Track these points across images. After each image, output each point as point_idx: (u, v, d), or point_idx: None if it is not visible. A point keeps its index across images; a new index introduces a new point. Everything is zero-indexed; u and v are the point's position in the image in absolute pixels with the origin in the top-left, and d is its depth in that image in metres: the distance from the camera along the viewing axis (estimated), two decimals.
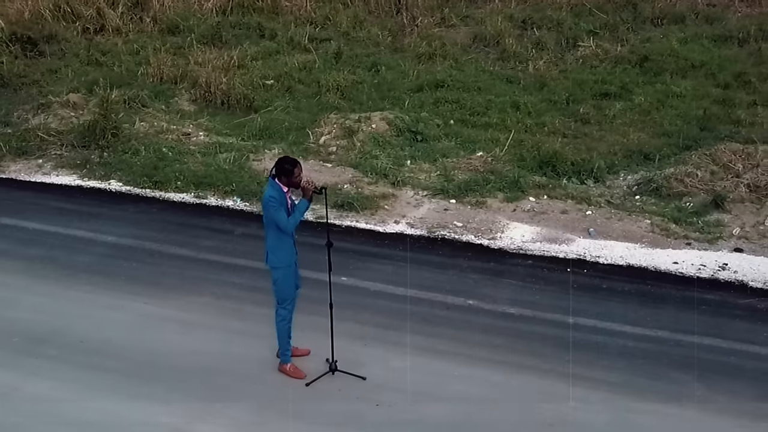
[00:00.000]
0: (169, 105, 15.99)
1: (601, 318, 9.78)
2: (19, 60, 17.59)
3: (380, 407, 8.40)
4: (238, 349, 9.10)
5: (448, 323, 9.69)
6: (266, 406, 8.42)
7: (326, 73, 16.88)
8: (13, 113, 15.30)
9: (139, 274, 10.58)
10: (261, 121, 14.99)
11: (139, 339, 9.36)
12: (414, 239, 11.54)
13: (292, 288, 8.71)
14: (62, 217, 11.87)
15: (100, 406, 8.42)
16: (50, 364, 8.99)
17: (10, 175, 13.41)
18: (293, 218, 8.46)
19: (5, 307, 9.86)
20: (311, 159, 13.75)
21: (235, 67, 17.35)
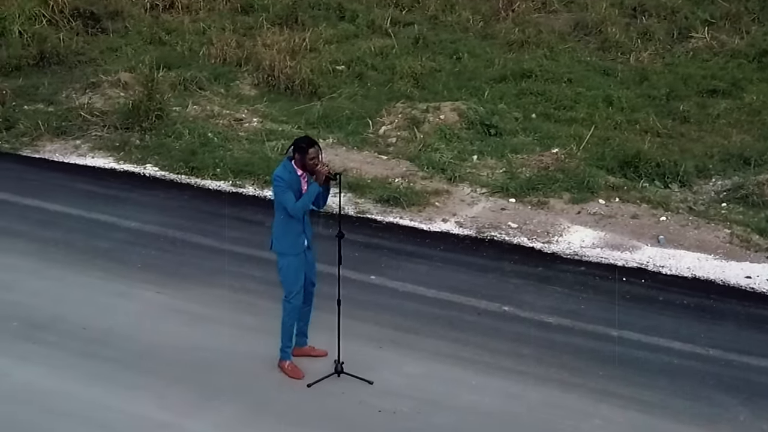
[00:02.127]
0: (228, 89, 16.61)
1: (648, 332, 9.84)
2: (80, 37, 18.56)
3: (382, 414, 8.68)
4: (244, 346, 9.51)
5: (475, 329, 9.91)
6: (261, 405, 8.78)
7: (402, 59, 17.23)
8: (61, 92, 16.17)
9: (157, 262, 11.12)
10: (321, 109, 15.35)
11: (143, 329, 9.86)
12: (459, 239, 11.79)
13: (298, 279, 9.04)
14: (88, 200, 12.53)
15: (90, 396, 8.90)
16: (46, 350, 9.53)
17: (44, 155, 14.18)
18: (301, 202, 8.77)
19: (10, 290, 10.51)
20: (366, 150, 14.15)
21: (305, 51, 17.80)
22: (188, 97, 16.14)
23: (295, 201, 8.78)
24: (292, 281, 9.02)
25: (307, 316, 9.43)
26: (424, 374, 9.23)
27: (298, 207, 8.76)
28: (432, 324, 10.00)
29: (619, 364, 9.38)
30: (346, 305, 9.51)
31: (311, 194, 8.79)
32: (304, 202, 8.79)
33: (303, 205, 8.78)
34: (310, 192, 8.79)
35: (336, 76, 17.08)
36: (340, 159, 13.88)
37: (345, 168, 13.55)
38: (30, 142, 14.58)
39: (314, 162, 8.77)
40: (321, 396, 8.90)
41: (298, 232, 8.96)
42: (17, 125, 14.85)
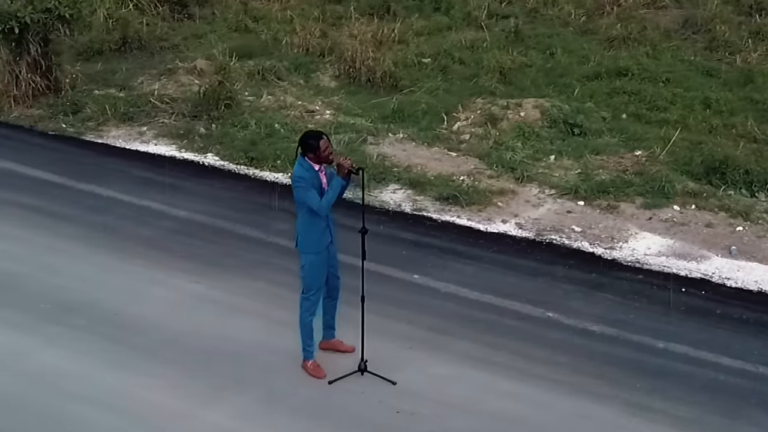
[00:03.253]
0: (308, 79, 17.05)
1: (697, 346, 9.85)
2: (165, 22, 19.18)
3: (400, 415, 8.90)
4: (272, 339, 9.83)
5: (513, 334, 10.05)
6: (278, 399, 9.08)
7: (490, 53, 17.37)
8: (136, 78, 16.83)
9: (199, 252, 11.55)
10: (396, 103, 15.62)
11: (173, 318, 10.29)
12: (515, 241, 11.92)
13: (320, 276, 9.32)
14: (141, 187, 13.07)
15: (110, 382, 9.34)
16: (73, 333, 10.04)
17: (108, 140, 14.82)
18: (326, 199, 9.01)
19: (53, 273, 11.07)
20: (436, 146, 14.37)
21: (392, 42, 18.10)
22: (264, 87, 16.57)
23: (319, 199, 8.99)
24: (315, 279, 9.32)
25: (333, 310, 9.70)
26: (450, 377, 9.40)
27: (324, 205, 9.01)
28: (468, 327, 10.15)
29: (659, 378, 9.40)
30: (383, 304, 10.00)
31: (335, 189, 9.01)
32: (328, 198, 9.02)
33: (328, 202, 9.03)
34: (333, 187, 9.01)
35: (420, 70, 17.31)
36: (406, 154, 14.12)
37: (410, 164, 13.77)
38: (95, 126, 15.19)
39: (328, 152, 8.98)
40: (340, 393, 9.16)
41: (323, 229, 9.23)
42: (84, 110, 15.43)
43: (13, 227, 12.09)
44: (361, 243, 9.14)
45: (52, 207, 12.66)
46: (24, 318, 10.30)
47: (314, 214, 9.09)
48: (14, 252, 11.52)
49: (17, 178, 13.56)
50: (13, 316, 10.31)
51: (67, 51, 17.84)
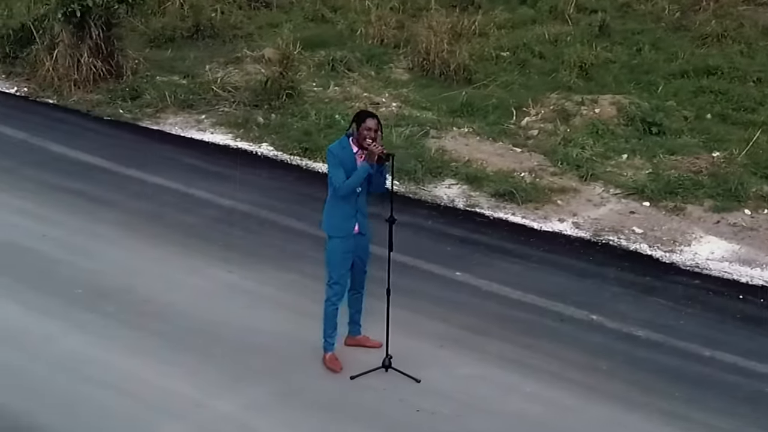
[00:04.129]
0: (380, 71, 17.21)
1: (747, 355, 9.69)
2: (241, 11, 19.48)
3: (419, 414, 8.93)
4: (298, 332, 9.92)
5: (551, 336, 10.00)
6: (294, 393, 9.17)
7: (573, 48, 17.27)
8: (204, 65, 17.12)
9: (239, 242, 11.74)
10: (466, 96, 15.67)
11: (202, 307, 10.46)
12: (569, 241, 11.87)
13: (344, 264, 9.37)
14: (189, 175, 13.33)
15: (129, 368, 9.54)
16: (102, 320, 10.27)
17: (164, 127, 15.15)
18: (349, 181, 9.09)
19: (86, 257, 11.35)
20: (501, 141, 14.40)
21: (471, 35, 18.14)
22: (333, 78, 16.78)
23: (344, 179, 9.04)
24: (337, 266, 9.36)
25: (358, 303, 9.75)
26: (477, 377, 9.40)
27: (345, 186, 9.07)
28: (506, 327, 10.14)
29: (701, 387, 9.29)
30: (419, 300, 10.30)
31: (360, 174, 9.08)
32: (351, 181, 9.09)
33: (349, 184, 9.08)
34: (358, 172, 9.07)
35: (498, 63, 17.30)
36: (468, 149, 14.16)
37: (470, 159, 13.82)
38: (153, 113, 15.53)
39: (368, 134, 9.02)
40: (360, 389, 9.22)
41: (349, 215, 9.28)
42: (144, 96, 15.78)
43: (55, 211, 12.43)
44: (389, 233, 9.13)
45: (97, 192, 12.96)
46: (55, 302, 10.56)
47: (342, 197, 9.15)
48: (53, 236, 11.85)
49: (67, 163, 13.95)
50: (45, 301, 10.57)
51: (138, 37, 18.26)
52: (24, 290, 10.70)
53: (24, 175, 13.52)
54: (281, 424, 8.83)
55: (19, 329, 10.04)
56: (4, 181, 13.38)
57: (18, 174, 13.58)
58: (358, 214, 9.30)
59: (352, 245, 9.33)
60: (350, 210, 9.24)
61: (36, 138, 14.79)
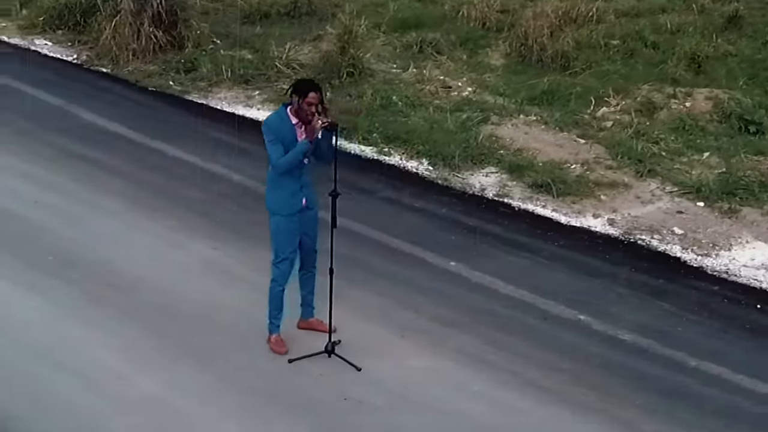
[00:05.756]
0: (473, 55, 17.28)
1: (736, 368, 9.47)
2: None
3: (345, 402, 9.02)
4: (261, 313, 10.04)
5: (525, 334, 9.95)
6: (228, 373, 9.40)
7: (688, 39, 16.99)
8: (285, 42, 17.53)
9: (235, 218, 12.05)
10: (547, 84, 15.64)
11: (175, 283, 10.78)
12: (592, 237, 11.78)
13: (290, 243, 9.49)
14: (211, 150, 13.75)
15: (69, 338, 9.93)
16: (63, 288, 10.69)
17: (209, 101, 15.68)
18: (285, 159, 9.17)
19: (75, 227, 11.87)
20: (566, 131, 14.33)
21: (587, 21, 18.05)
22: (417, 60, 16.89)
23: (281, 155, 9.16)
24: (282, 244, 9.48)
25: (310, 284, 9.89)
26: (426, 370, 9.42)
27: (283, 162, 9.16)
28: (479, 321, 10.13)
29: (670, 397, 9.12)
30: (398, 287, 10.57)
31: (299, 150, 9.14)
32: (289, 157, 9.16)
33: (288, 160, 9.17)
34: (297, 148, 9.13)
35: (603, 51, 17.14)
36: (526, 138, 14.22)
37: (523, 147, 13.87)
38: (205, 87, 16.07)
39: (311, 110, 9.08)
40: (294, 373, 9.39)
41: (293, 191, 9.38)
42: (200, 69, 16.26)
43: (61, 178, 13.02)
44: (332, 207, 9.24)
45: (112, 161, 13.51)
46: (23, 269, 11.07)
47: (284, 173, 9.24)
48: (48, 203, 12.42)
49: (92, 131, 14.62)
50: (13, 266, 11.08)
51: (233, 12, 18.74)
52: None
53: (42, 140, 14.17)
54: (198, 403, 9.06)
55: None
56: (19, 144, 14.09)
57: (36, 138, 14.26)
58: (303, 189, 9.38)
59: (298, 221, 9.42)
60: (295, 185, 9.35)
61: (71, 105, 15.46)
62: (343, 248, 10.57)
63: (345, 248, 10.73)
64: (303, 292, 9.89)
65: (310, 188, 9.41)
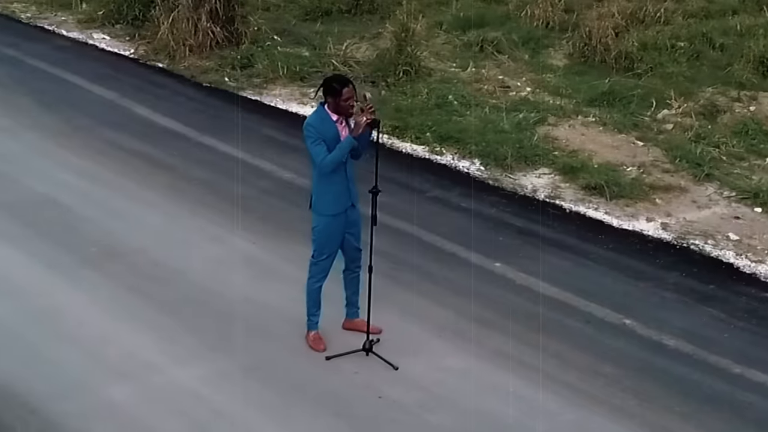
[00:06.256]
0: (536, 55, 17.32)
1: None
2: None
3: (379, 401, 9.09)
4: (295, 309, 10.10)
5: (566, 337, 9.96)
6: (262, 368, 9.47)
7: (759, 42, 16.90)
8: (344, 40, 17.68)
9: (277, 214, 12.19)
10: (608, 85, 15.65)
11: (208, 275, 10.96)
12: (643, 241, 11.76)
13: (333, 242, 9.56)
14: (261, 146, 13.91)
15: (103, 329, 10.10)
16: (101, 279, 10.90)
17: (263, 98, 15.90)
18: (331, 157, 9.20)
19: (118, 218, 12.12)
20: (625, 133, 14.33)
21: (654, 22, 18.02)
22: (476, 59, 16.97)
23: (326, 154, 9.20)
24: (325, 244, 9.56)
25: (354, 285, 9.94)
26: (461, 371, 9.47)
27: (327, 163, 9.20)
28: (521, 323, 10.15)
29: (709, 404, 9.09)
30: (440, 287, 10.67)
31: (343, 148, 9.17)
32: (334, 156, 9.19)
33: (332, 160, 9.20)
34: (342, 146, 9.17)
35: (668, 53, 17.11)
36: (582, 139, 14.26)
37: (578, 149, 13.90)
38: (260, 83, 16.25)
39: (349, 104, 9.18)
40: (329, 370, 9.49)
41: (341, 190, 9.43)
42: (256, 65, 16.45)
43: (109, 172, 13.28)
44: (372, 204, 9.32)
45: (160, 156, 13.77)
46: (65, 259, 11.29)
47: (332, 173, 9.31)
48: (95, 196, 12.68)
49: (143, 125, 14.90)
50: (55, 257, 11.33)
51: (294, 9, 18.95)
52: (40, 244, 11.52)
53: (95, 134, 14.45)
54: (230, 397, 9.15)
55: (16, 280, 10.86)
56: (74, 137, 14.41)
57: (89, 132, 14.54)
58: (349, 185, 9.45)
59: (344, 221, 9.50)
60: (342, 184, 9.41)
61: (124, 99, 15.72)
62: (387, 247, 10.88)
63: (389, 247, 10.97)
64: (347, 292, 9.98)
65: (354, 185, 9.46)
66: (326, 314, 9.83)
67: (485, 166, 13.40)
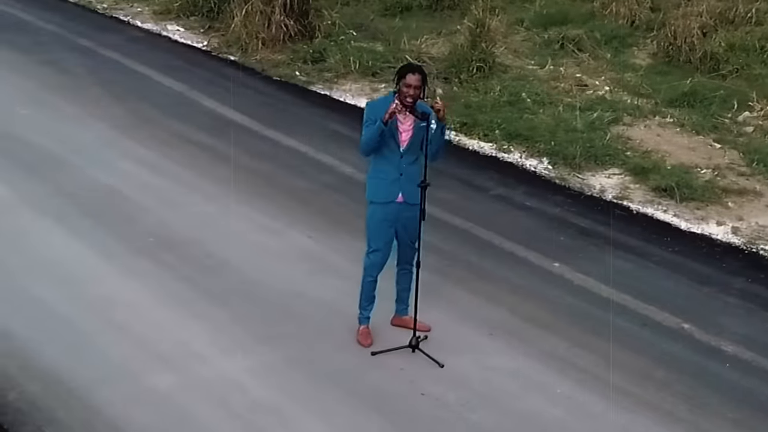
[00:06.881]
0: (618, 53, 17.30)
1: None
2: None
3: (422, 398, 9.17)
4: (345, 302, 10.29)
5: (621, 339, 9.94)
6: (308, 362, 9.61)
7: None
8: (421, 35, 17.80)
9: (337, 209, 12.32)
10: (689, 85, 15.60)
11: (262, 268, 11.12)
12: (711, 245, 11.72)
13: (382, 233, 9.65)
14: (326, 141, 14.08)
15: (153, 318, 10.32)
16: (155, 268, 11.14)
17: (333, 93, 16.08)
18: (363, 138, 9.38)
19: (176, 209, 12.37)
20: (703, 135, 14.30)
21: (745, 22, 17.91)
22: (556, 57, 17.00)
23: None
24: (375, 234, 9.67)
25: (406, 281, 10.01)
26: (509, 370, 9.53)
27: (361, 140, 9.37)
28: (574, 324, 10.17)
29: (766, 411, 9.05)
30: (495, 286, 10.76)
31: (372, 130, 9.28)
32: (364, 136, 9.33)
33: (363, 139, 9.35)
34: (371, 128, 9.28)
35: (758, 54, 16.98)
36: (657, 140, 14.23)
37: (652, 149, 13.90)
38: (331, 78, 16.43)
39: (408, 92, 9.21)
40: (374, 366, 9.59)
41: (391, 179, 9.51)
42: (328, 60, 16.62)
43: (172, 163, 13.57)
44: (421, 198, 9.39)
45: (225, 148, 13.97)
46: (120, 248, 11.54)
47: (383, 160, 9.46)
48: (158, 186, 12.93)
49: (210, 118, 15.17)
50: (111, 245, 11.58)
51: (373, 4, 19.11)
52: (97, 233, 11.78)
53: (162, 126, 14.73)
54: (274, 389, 9.30)
55: (71, 268, 11.11)
56: (141, 129, 14.69)
57: (157, 124, 14.83)
58: (402, 179, 9.48)
59: (394, 214, 9.57)
60: (393, 173, 9.48)
61: (193, 92, 16.00)
62: (442, 243, 11.04)
63: (445, 243, 11.08)
64: (398, 287, 10.07)
65: (412, 182, 9.47)
66: (377, 309, 9.95)
67: (553, 165, 13.42)
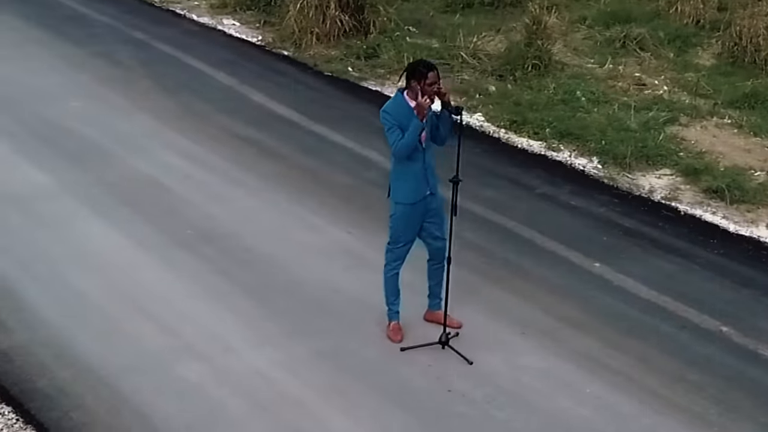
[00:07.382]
0: (681, 54, 17.29)
1: None
2: None
3: (448, 394, 9.28)
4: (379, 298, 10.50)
5: (656, 341, 9.99)
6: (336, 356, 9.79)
7: None
8: (479, 33, 17.87)
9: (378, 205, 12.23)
10: (751, 87, 15.57)
11: (299, 262, 11.27)
12: (760, 248, 11.71)
13: (410, 230, 9.78)
14: (373, 137, 13.96)
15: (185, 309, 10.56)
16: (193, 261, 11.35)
17: (385, 89, 16.07)
18: (403, 140, 9.44)
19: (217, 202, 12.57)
20: (760, 136, 14.33)
21: None
22: (617, 56, 17.00)
23: (399, 139, 9.45)
24: (401, 232, 9.80)
25: (438, 276, 10.10)
26: (539, 369, 9.59)
27: (399, 147, 9.44)
28: (609, 325, 10.22)
29: None
30: (532, 285, 10.86)
31: (412, 133, 9.38)
32: (404, 143, 9.42)
33: (403, 146, 9.44)
34: (411, 130, 9.37)
35: None
36: (713, 141, 14.25)
37: (707, 150, 13.91)
38: (384, 74, 16.51)
39: (434, 88, 9.33)
40: (403, 361, 9.73)
41: (418, 178, 9.64)
42: (381, 56, 16.76)
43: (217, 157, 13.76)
44: (453, 193, 9.50)
45: (270, 143, 14.17)
46: (158, 239, 11.78)
47: (407, 161, 9.57)
48: (201, 179, 13.13)
49: (259, 112, 15.34)
50: (149, 236, 11.82)
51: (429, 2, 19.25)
52: (135, 223, 12.05)
53: (209, 120, 14.90)
54: (301, 384, 9.49)
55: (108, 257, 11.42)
56: (189, 122, 14.92)
57: (204, 117, 15.01)
58: (427, 173, 9.65)
59: (423, 208, 9.71)
60: (419, 171, 9.62)
61: (243, 86, 16.17)
62: (481, 241, 11.28)
63: (484, 241, 11.27)
64: (430, 282, 10.16)
65: (433, 173, 9.64)
66: (409, 305, 10.07)
67: (603, 165, 13.44)
